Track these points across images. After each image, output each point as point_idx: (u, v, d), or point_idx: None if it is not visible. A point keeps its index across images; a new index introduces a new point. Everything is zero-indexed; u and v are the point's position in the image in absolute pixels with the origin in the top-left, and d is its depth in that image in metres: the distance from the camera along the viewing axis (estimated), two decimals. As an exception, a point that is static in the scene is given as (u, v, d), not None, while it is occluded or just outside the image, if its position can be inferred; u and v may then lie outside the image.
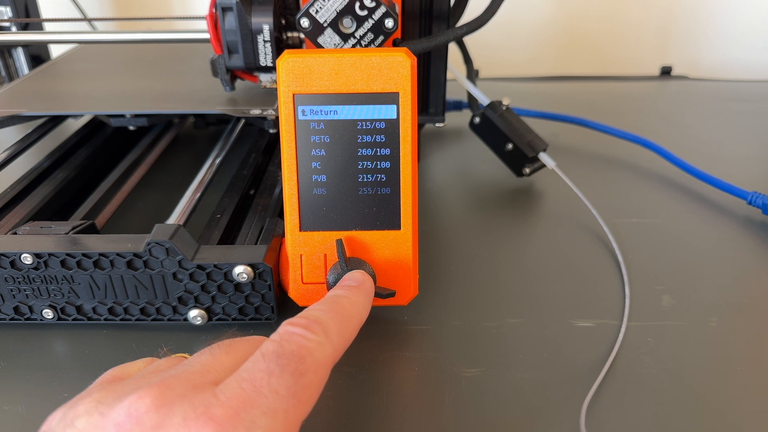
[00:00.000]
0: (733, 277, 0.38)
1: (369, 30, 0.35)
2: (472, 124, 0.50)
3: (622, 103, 0.67)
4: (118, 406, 0.19)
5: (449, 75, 0.46)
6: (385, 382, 0.30)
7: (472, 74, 0.52)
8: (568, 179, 0.44)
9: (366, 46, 0.36)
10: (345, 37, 0.36)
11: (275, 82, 0.42)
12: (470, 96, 0.51)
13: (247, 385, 0.19)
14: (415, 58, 0.30)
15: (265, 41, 0.39)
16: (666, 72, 0.77)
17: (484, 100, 0.49)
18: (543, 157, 0.47)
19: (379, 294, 0.31)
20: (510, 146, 0.48)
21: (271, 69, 0.41)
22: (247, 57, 0.40)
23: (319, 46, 0.36)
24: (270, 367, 0.20)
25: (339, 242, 0.31)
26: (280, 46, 0.41)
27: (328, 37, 0.35)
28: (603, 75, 0.77)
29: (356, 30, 0.35)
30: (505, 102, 0.49)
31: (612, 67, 0.83)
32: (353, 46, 0.36)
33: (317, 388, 0.21)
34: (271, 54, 0.40)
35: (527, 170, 0.48)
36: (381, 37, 0.36)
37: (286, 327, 0.23)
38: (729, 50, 0.82)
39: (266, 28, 0.39)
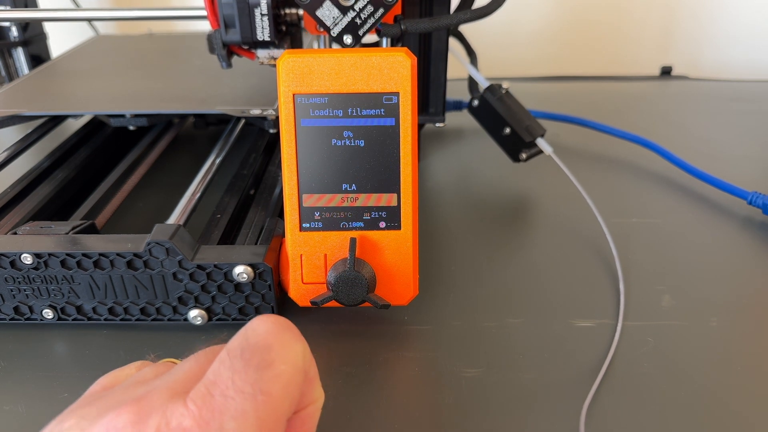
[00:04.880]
0: (733, 277, 0.38)
1: (369, 2, 0.34)
2: (470, 107, 0.49)
3: (622, 103, 0.67)
4: (98, 424, 0.19)
5: (450, 61, 0.45)
6: (385, 382, 0.30)
7: (474, 60, 0.52)
8: (566, 167, 0.43)
9: (365, 18, 0.35)
10: (344, 10, 0.35)
11: (273, 58, 0.41)
12: (470, 79, 0.50)
13: (213, 389, 0.19)
14: (415, 58, 0.30)
15: (262, 14, 0.38)
16: (666, 72, 0.77)
17: (483, 82, 0.48)
18: (540, 142, 0.45)
19: (375, 304, 0.31)
20: (507, 131, 0.46)
21: (268, 44, 0.40)
22: (244, 31, 0.39)
23: (317, 19, 0.35)
24: (234, 364, 0.19)
25: (353, 240, 0.31)
26: (278, 21, 0.40)
27: (327, 10, 0.35)
28: (603, 75, 0.77)
29: (355, 2, 0.34)
30: (505, 86, 0.48)
31: (613, 67, 0.83)
32: (352, 18, 0.35)
33: (291, 378, 0.20)
34: (268, 28, 0.39)
35: (524, 155, 0.46)
36: (381, 10, 0.35)
37: (254, 319, 0.21)
38: (729, 50, 0.82)
39: (264, 0, 0.38)
